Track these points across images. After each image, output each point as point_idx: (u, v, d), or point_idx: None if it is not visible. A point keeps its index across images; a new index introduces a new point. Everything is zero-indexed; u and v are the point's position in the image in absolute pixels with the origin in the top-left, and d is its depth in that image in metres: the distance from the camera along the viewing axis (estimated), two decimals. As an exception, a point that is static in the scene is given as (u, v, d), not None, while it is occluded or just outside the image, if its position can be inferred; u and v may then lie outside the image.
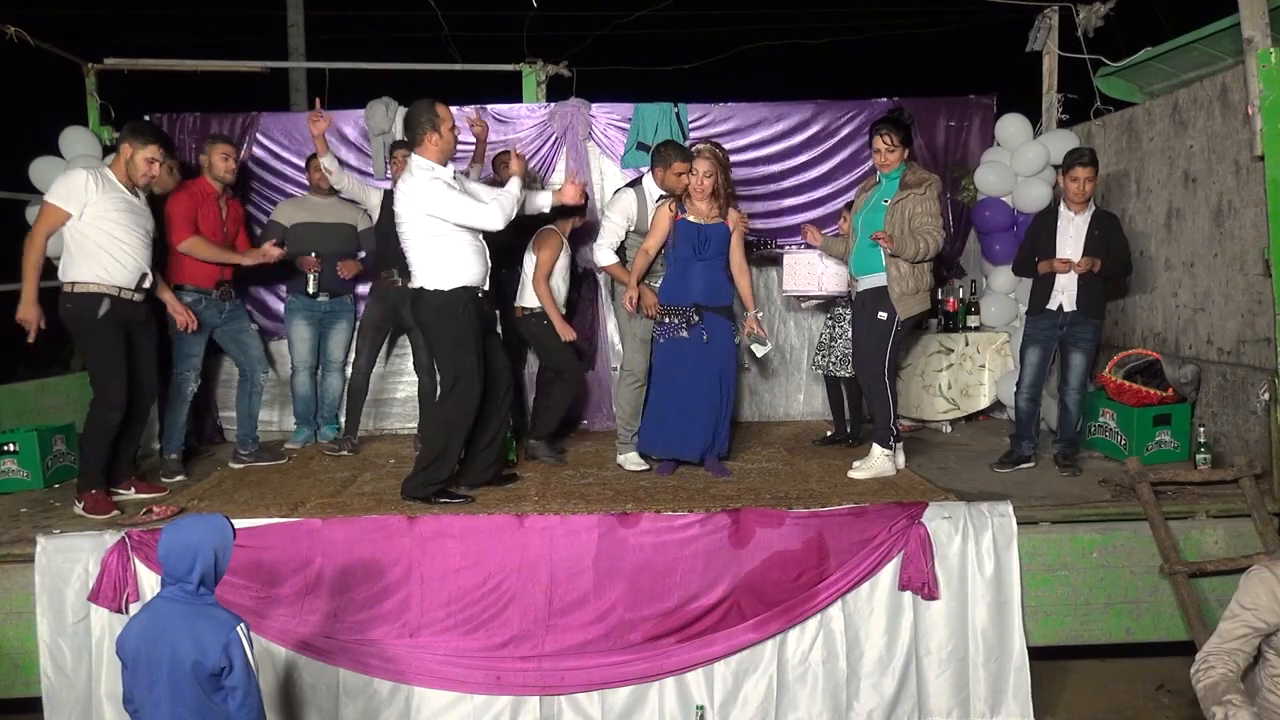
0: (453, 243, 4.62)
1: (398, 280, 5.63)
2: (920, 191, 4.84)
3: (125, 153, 4.70)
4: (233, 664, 2.94)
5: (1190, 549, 4.41)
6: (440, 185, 4.57)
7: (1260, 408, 4.67)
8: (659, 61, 8.09)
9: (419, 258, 4.66)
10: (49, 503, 4.95)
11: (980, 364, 6.38)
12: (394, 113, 6.50)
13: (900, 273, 4.86)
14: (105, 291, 4.63)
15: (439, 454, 4.68)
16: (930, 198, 4.85)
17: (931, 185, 4.89)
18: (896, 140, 4.91)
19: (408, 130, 4.71)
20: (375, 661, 4.16)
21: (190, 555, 2.97)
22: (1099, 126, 6.29)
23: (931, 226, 4.82)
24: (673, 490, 4.79)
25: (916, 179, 4.89)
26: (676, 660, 4.22)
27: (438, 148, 4.61)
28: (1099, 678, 4.77)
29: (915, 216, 4.82)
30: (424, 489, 4.65)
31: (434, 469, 4.68)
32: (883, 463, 4.98)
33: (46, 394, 6.08)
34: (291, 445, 6.16)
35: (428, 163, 4.60)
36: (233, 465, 5.57)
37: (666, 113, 6.59)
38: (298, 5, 10.03)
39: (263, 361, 5.73)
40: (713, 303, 5.16)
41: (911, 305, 4.91)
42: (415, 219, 4.61)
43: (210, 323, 5.48)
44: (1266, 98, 4.49)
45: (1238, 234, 4.99)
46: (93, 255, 4.61)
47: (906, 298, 4.89)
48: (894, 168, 4.95)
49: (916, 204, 4.83)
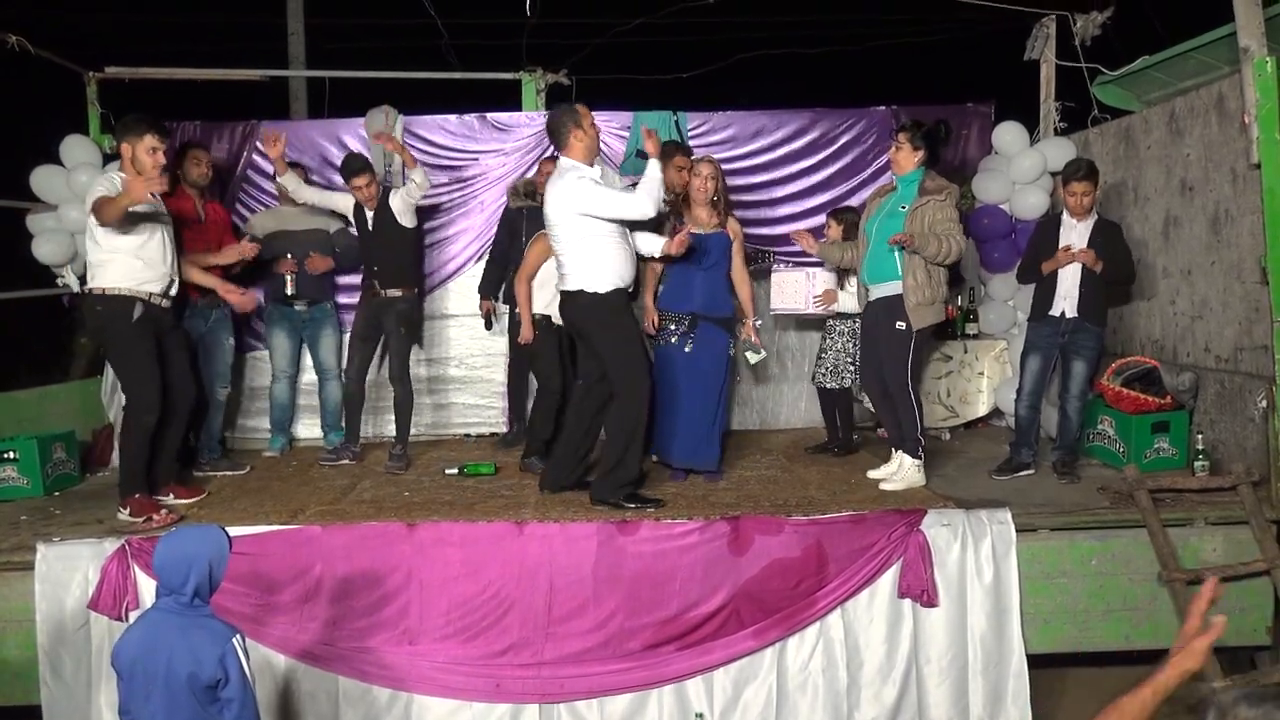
0: (605, 244, 4.65)
1: (380, 291, 5.73)
2: (940, 198, 4.81)
3: (126, 153, 4.61)
4: (229, 676, 2.93)
5: (1189, 556, 4.41)
6: (587, 183, 4.60)
7: (1258, 415, 4.68)
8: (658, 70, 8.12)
9: (574, 260, 4.67)
10: (49, 510, 4.95)
11: (979, 371, 6.38)
12: (393, 120, 6.52)
13: (917, 281, 4.80)
14: (137, 296, 4.60)
15: (622, 454, 4.66)
16: (950, 205, 4.82)
17: (951, 193, 4.86)
18: (906, 140, 4.91)
19: (553, 135, 4.74)
20: (374, 669, 4.16)
21: (185, 566, 2.97)
22: (1096, 135, 6.31)
23: (954, 232, 4.78)
24: (672, 498, 4.79)
25: (937, 185, 4.86)
26: (676, 668, 4.22)
27: (583, 145, 4.66)
28: (1098, 685, 4.77)
29: (937, 223, 4.77)
30: (614, 492, 4.62)
31: (620, 471, 4.65)
32: (913, 474, 4.94)
33: (47, 401, 6.09)
34: (270, 453, 6.17)
35: (573, 163, 4.65)
36: (195, 474, 5.56)
37: (665, 121, 6.61)
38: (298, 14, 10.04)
39: (224, 377, 5.72)
40: (710, 313, 5.18)
41: (927, 315, 4.86)
42: (567, 221, 4.63)
43: (195, 331, 5.50)
44: (1263, 106, 4.51)
45: (1235, 242, 5.00)
46: (122, 260, 4.57)
47: (922, 308, 4.82)
48: (906, 171, 4.94)
49: (937, 210, 4.79)
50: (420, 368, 6.64)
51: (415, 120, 6.62)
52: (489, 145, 6.66)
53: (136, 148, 4.57)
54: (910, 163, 4.93)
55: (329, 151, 6.58)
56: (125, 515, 4.59)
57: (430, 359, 6.72)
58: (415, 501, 4.85)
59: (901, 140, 4.95)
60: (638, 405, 4.69)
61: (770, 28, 9.52)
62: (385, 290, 5.75)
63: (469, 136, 6.68)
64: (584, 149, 4.66)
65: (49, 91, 7.23)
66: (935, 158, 5.01)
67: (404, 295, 5.79)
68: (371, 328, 5.86)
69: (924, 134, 4.92)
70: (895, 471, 4.99)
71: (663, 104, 6.73)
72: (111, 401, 6.16)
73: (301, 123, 7.77)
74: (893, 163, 5.03)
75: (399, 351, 5.78)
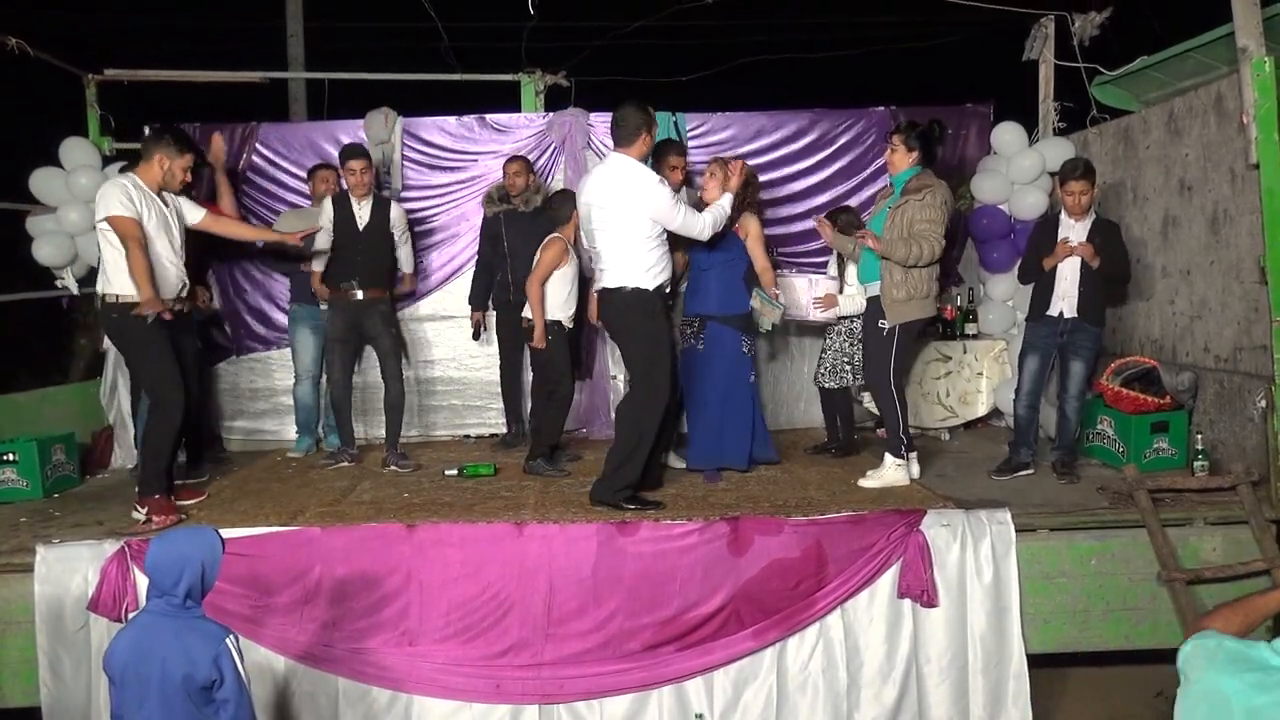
0: (660, 245, 4.73)
1: (358, 293, 5.68)
2: (920, 198, 4.82)
3: (161, 163, 4.65)
4: (224, 676, 2.93)
5: (1188, 556, 4.42)
6: (668, 192, 4.69)
7: (1257, 414, 4.68)
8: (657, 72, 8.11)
9: (627, 256, 4.68)
10: (48, 512, 4.95)
11: (978, 371, 6.38)
12: (393, 123, 6.52)
13: (893, 280, 4.86)
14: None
15: (629, 454, 4.65)
16: (931, 204, 4.81)
17: (933, 191, 4.84)
18: (900, 142, 4.93)
19: (619, 127, 4.72)
20: (374, 670, 4.16)
21: (178, 568, 2.97)
22: (1095, 135, 6.32)
23: (929, 233, 4.80)
24: (671, 499, 4.79)
25: (918, 184, 4.88)
26: (675, 669, 4.23)
27: (646, 147, 4.76)
28: (1098, 685, 4.78)
29: (915, 222, 4.81)
30: (613, 494, 4.61)
31: (624, 471, 4.64)
32: (894, 473, 4.96)
33: (46, 404, 6.10)
34: (294, 454, 6.17)
35: (635, 162, 4.70)
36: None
37: (665, 122, 6.60)
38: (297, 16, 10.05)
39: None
40: (723, 311, 5.28)
41: (905, 311, 4.89)
42: (635, 218, 4.65)
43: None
44: (1261, 106, 4.52)
45: (1233, 242, 5.01)
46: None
47: (899, 304, 4.87)
48: (899, 171, 4.97)
49: (916, 210, 4.82)
50: (420, 369, 6.65)
51: (414, 122, 6.63)
52: (488, 147, 6.66)
53: (174, 162, 4.70)
54: (905, 163, 4.95)
55: (328, 153, 6.57)
56: (141, 515, 4.58)
57: (430, 360, 6.72)
58: (415, 503, 4.85)
59: (895, 142, 4.97)
60: (655, 410, 4.70)
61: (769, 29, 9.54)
62: (366, 292, 5.69)
63: (468, 138, 6.68)
64: (642, 153, 4.76)
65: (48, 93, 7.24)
66: (931, 157, 5.01)
67: (382, 298, 5.77)
68: (351, 330, 5.76)
69: (918, 134, 4.93)
70: (877, 470, 5.02)
71: (662, 105, 6.70)
72: (111, 404, 6.17)
73: (301, 124, 7.76)
74: (889, 164, 5.05)
75: (393, 351, 5.76)
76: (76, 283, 6.17)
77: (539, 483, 5.25)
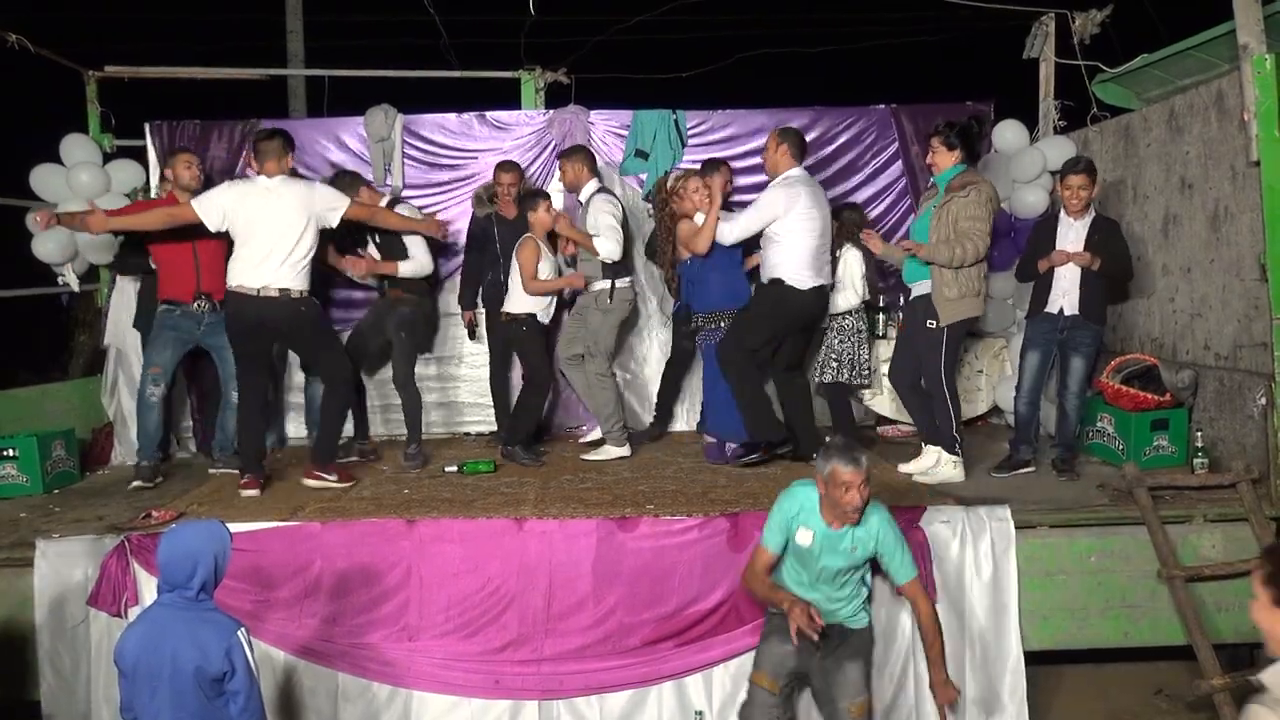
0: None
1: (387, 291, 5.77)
2: (964, 194, 4.80)
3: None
4: (235, 668, 2.95)
5: (1188, 553, 4.42)
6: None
7: (1257, 412, 4.68)
8: (657, 68, 8.12)
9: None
10: (48, 507, 4.96)
11: (978, 369, 6.39)
12: (393, 119, 6.51)
13: (943, 278, 4.84)
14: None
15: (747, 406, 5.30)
16: (975, 201, 4.78)
17: (978, 188, 4.82)
18: (939, 143, 4.93)
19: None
20: (374, 665, 4.17)
21: (191, 562, 2.98)
22: (1096, 133, 6.31)
23: (973, 230, 4.76)
24: (671, 495, 4.79)
25: (961, 182, 4.85)
26: (675, 664, 4.23)
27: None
28: (1096, 682, 4.77)
29: (960, 219, 4.79)
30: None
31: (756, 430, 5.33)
32: (949, 469, 4.97)
33: (47, 399, 6.11)
34: None
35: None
36: (211, 471, 5.59)
37: (665, 119, 6.60)
38: (297, 12, 10.06)
39: (234, 379, 5.44)
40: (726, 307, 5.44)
41: (958, 310, 4.87)
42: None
43: (188, 332, 5.46)
44: (1262, 104, 4.52)
45: (1234, 239, 5.01)
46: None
47: (951, 303, 4.85)
48: (942, 170, 4.95)
49: (961, 207, 4.79)
50: (422, 365, 6.64)
51: (414, 119, 6.62)
52: (488, 144, 6.65)
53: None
54: (948, 161, 4.94)
55: (328, 150, 6.58)
56: (330, 478, 5.04)
57: (432, 357, 6.72)
58: (415, 499, 4.85)
59: (935, 143, 4.96)
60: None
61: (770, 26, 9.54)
62: (390, 291, 5.77)
63: (468, 135, 6.67)
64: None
65: (49, 90, 7.25)
66: (974, 155, 5.00)
67: (406, 299, 5.75)
68: (373, 327, 5.85)
69: (957, 132, 4.92)
70: (931, 466, 5.02)
71: (662, 102, 6.73)
72: (111, 400, 6.17)
73: (301, 121, 7.76)
74: (931, 165, 5.05)
75: (401, 357, 5.71)
76: (77, 279, 6.17)
77: (539, 479, 5.25)
